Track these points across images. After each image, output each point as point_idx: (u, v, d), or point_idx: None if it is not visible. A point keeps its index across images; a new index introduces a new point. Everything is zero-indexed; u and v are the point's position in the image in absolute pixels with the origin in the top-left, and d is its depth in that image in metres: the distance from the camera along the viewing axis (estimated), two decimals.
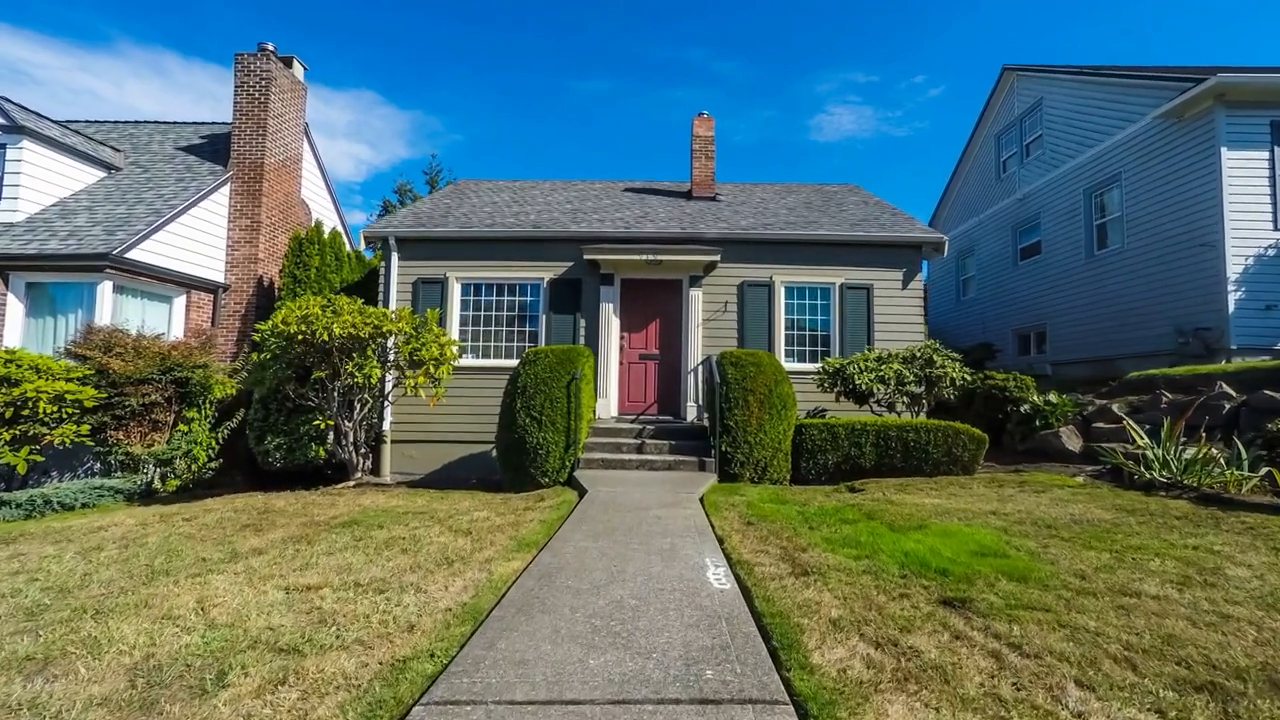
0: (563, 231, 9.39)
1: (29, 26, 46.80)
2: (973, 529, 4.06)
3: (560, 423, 7.03)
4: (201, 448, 9.42)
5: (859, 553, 3.53)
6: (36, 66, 47.07)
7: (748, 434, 6.97)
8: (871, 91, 64.11)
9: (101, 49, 54.52)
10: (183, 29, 56.70)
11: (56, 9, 48.52)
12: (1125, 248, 10.90)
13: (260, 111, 11.53)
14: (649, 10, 56.13)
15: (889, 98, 64.56)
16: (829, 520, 4.47)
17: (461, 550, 3.73)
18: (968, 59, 61.23)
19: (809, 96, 64.60)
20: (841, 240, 9.36)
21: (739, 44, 65.21)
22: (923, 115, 63.85)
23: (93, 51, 54.15)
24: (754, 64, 66.60)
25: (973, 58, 59.38)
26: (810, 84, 64.12)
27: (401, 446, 9.38)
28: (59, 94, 49.14)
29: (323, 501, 6.19)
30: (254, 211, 11.46)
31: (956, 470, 7.14)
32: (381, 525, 4.53)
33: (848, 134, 64.34)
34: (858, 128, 64.32)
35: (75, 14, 50.62)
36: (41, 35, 47.67)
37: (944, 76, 62.43)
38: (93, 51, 54.15)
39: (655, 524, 4.32)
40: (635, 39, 60.98)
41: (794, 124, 65.97)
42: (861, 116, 64.65)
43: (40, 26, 47.13)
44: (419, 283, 9.42)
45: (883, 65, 62.96)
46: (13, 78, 44.49)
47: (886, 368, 7.74)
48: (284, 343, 7.10)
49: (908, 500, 5.31)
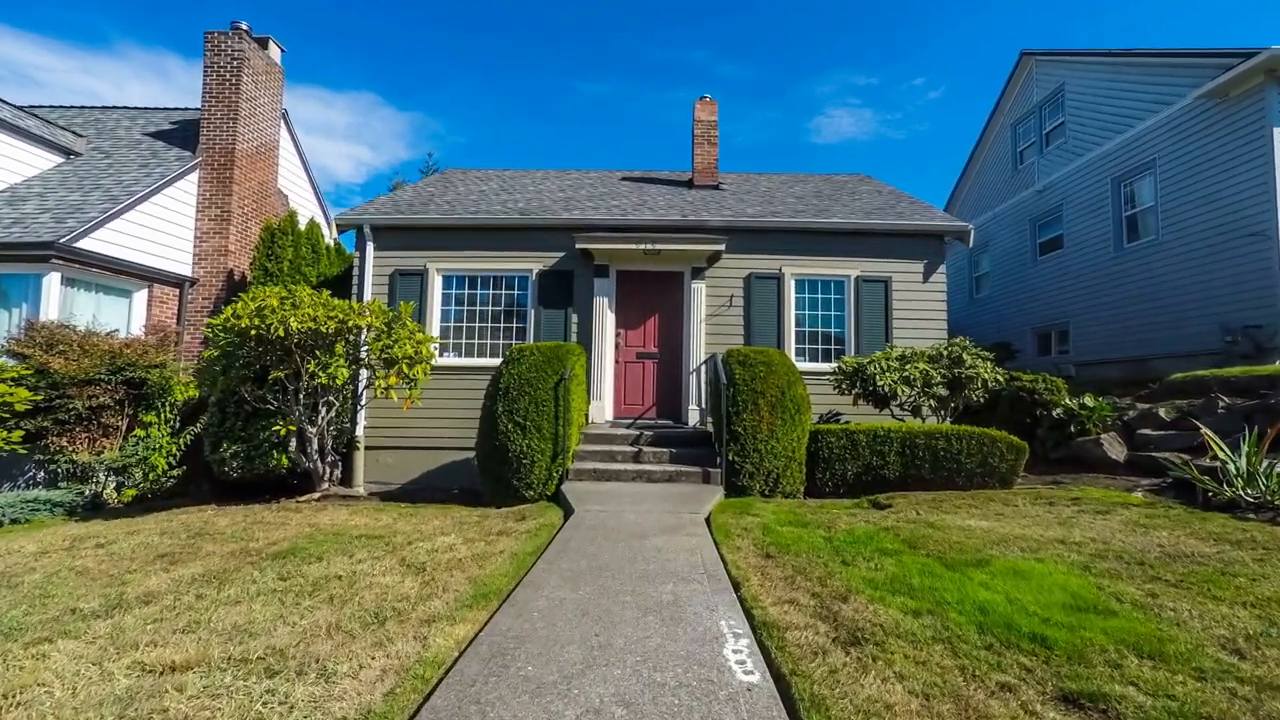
0: (553, 219, 8.61)
1: (32, 29, 46.20)
2: (1046, 565, 3.27)
3: (547, 429, 6.24)
4: (161, 455, 8.63)
5: (917, 603, 2.73)
6: (39, 69, 46.47)
7: (758, 441, 6.19)
8: (871, 94, 63.52)
9: (103, 50, 53.87)
10: (183, 30, 56.10)
11: (59, 11, 47.90)
12: (1160, 239, 10.13)
13: (231, 94, 10.76)
14: (652, 13, 55.50)
15: (889, 100, 63.97)
16: (864, 550, 3.68)
17: (403, 600, 2.92)
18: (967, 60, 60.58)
19: (809, 99, 64.01)
20: (857, 229, 8.58)
21: (742, 46, 64.62)
22: (922, 118, 63.24)
23: (95, 53, 53.49)
24: (756, 66, 66.00)
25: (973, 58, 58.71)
26: (811, 86, 63.54)
27: (377, 453, 8.58)
28: (61, 96, 48.62)
29: (272, 520, 5.39)
30: (224, 201, 10.68)
31: (993, 483, 6.35)
32: (321, 556, 3.74)
33: (847, 136, 63.72)
34: (858, 130, 63.70)
35: (77, 15, 49.99)
36: (44, 37, 47.03)
37: (944, 79, 61.83)
38: (95, 53, 53.49)
39: (653, 559, 3.51)
40: (638, 41, 60.39)
41: (794, 126, 65.36)
42: (861, 119, 64.05)
43: (43, 29, 46.53)
44: (396, 275, 8.63)
45: (882, 68, 62.37)
46: (16, 80, 43.84)
47: (912, 367, 6.95)
48: (236, 339, 6.31)
49: (949, 522, 4.52)
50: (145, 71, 56.30)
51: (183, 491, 8.81)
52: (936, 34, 58.73)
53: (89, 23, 51.30)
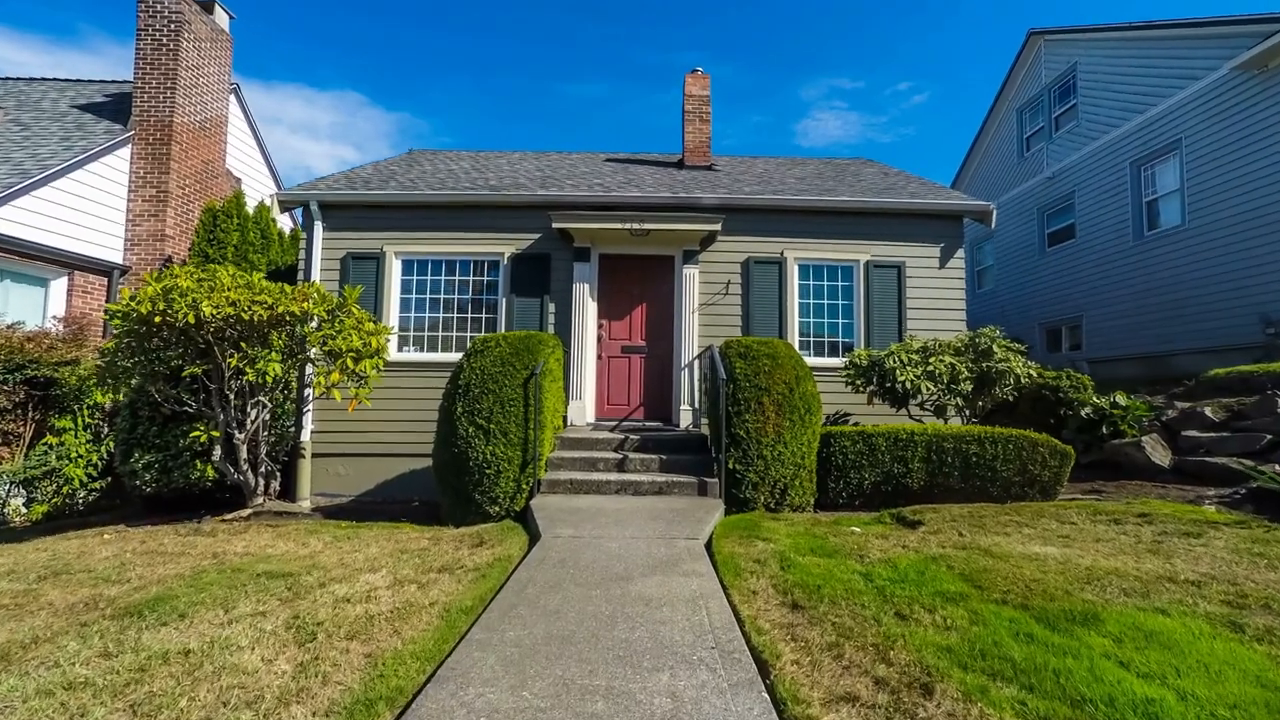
0: (528, 195, 7.63)
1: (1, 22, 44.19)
2: (1177, 621, 2.39)
3: (515, 433, 5.27)
4: (77, 465, 7.54)
5: (1041, 702, 1.79)
6: (8, 64, 44.52)
7: (762, 446, 5.27)
8: (857, 97, 63.32)
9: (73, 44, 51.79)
10: None
11: (30, 6, 45.94)
12: (1186, 225, 9.40)
13: (169, 61, 9.64)
14: (643, 17, 54.74)
15: (874, 104, 63.82)
16: (919, 594, 2.77)
17: (250, 706, 1.92)
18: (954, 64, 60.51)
19: (797, 102, 63.65)
20: (866, 208, 7.72)
21: (731, 50, 64.10)
22: (908, 121, 63.15)
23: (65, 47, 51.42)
24: (746, 70, 65.54)
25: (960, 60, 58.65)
26: (798, 89, 63.17)
27: (327, 461, 7.53)
28: None
29: (170, 549, 4.36)
30: (161, 180, 9.55)
31: (1033, 494, 5.49)
32: (187, 612, 2.74)
33: (834, 139, 63.49)
34: (843, 133, 63.44)
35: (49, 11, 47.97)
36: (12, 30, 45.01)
37: (930, 83, 61.75)
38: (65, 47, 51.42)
39: (640, 620, 2.54)
40: (630, 45, 59.58)
41: (782, 128, 64.93)
42: (847, 122, 63.85)
43: (13, 23, 44.51)
44: (349, 259, 7.60)
45: (869, 72, 62.16)
46: None
47: (937, 360, 6.08)
48: (139, 327, 5.25)
49: (1006, 548, 3.64)
50: (121, 67, 54.38)
51: (108, 506, 7.72)
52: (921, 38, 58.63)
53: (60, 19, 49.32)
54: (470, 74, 57.18)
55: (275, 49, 58.64)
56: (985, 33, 59.45)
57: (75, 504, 7.63)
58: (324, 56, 50.37)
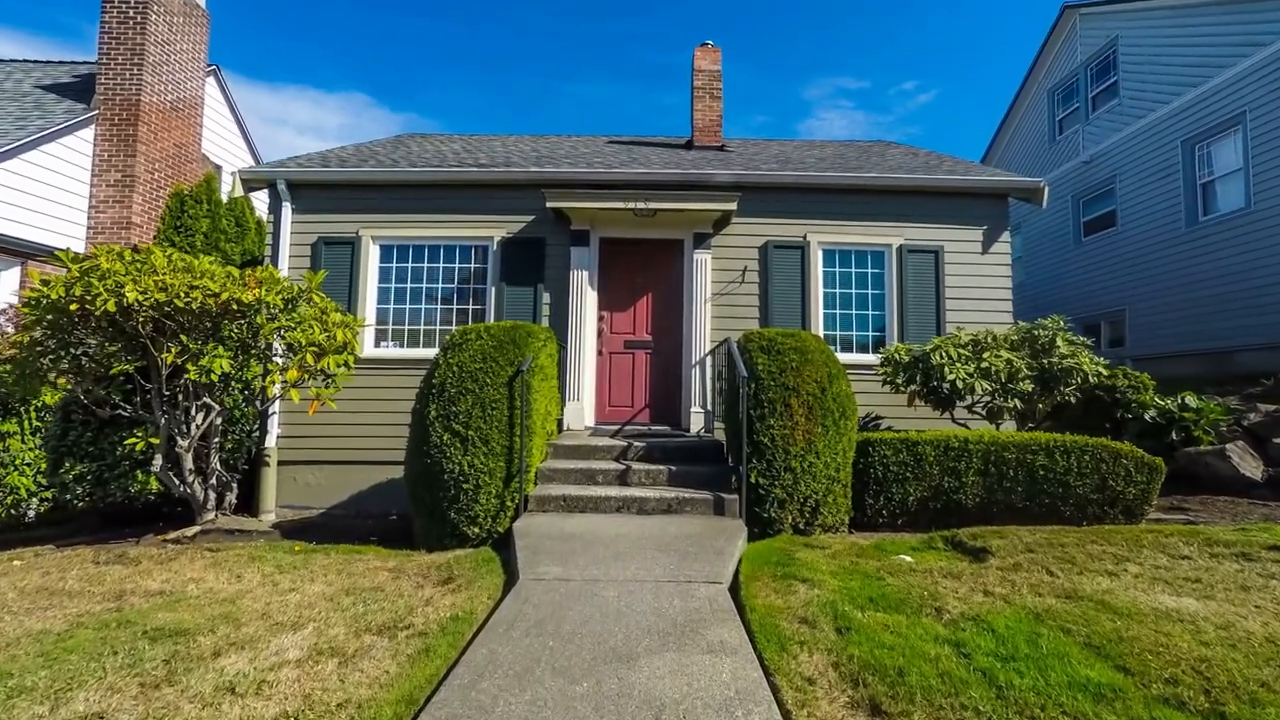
0: (519, 173, 6.82)
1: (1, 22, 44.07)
2: None
3: (498, 440, 4.45)
4: (24, 474, 6.80)
5: None
6: None
7: (790, 456, 4.43)
8: (862, 97, 62.37)
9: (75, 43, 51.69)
10: None
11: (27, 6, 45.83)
12: (1252, 208, 8.48)
13: (136, 35, 8.91)
14: (647, 16, 54.07)
15: (879, 103, 62.85)
16: (1048, 686, 1.94)
17: None
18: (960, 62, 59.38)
19: (801, 102, 62.74)
20: (899, 186, 6.86)
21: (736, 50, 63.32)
22: (913, 120, 62.08)
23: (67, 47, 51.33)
24: (751, 70, 64.74)
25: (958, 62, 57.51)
26: (802, 88, 62.28)
27: (296, 469, 6.75)
28: None
29: (69, 584, 3.57)
30: (127, 163, 8.82)
31: (1115, 514, 4.62)
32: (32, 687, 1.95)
33: (839, 139, 62.64)
34: (849, 132, 62.59)
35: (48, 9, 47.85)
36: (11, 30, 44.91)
37: (936, 82, 60.66)
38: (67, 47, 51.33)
39: None
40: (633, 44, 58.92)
41: (785, 128, 64.19)
42: (852, 121, 62.95)
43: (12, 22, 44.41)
44: (321, 243, 6.82)
45: (874, 71, 61.17)
46: None
47: (992, 356, 5.21)
48: (56, 317, 4.47)
49: (1124, 598, 2.79)
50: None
51: (61, 519, 6.99)
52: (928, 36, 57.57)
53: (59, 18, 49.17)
54: (469, 68, 56.67)
55: (272, 47, 58.19)
56: (996, 29, 58.32)
57: (23, 516, 6.90)
58: (323, 55, 50.03)
